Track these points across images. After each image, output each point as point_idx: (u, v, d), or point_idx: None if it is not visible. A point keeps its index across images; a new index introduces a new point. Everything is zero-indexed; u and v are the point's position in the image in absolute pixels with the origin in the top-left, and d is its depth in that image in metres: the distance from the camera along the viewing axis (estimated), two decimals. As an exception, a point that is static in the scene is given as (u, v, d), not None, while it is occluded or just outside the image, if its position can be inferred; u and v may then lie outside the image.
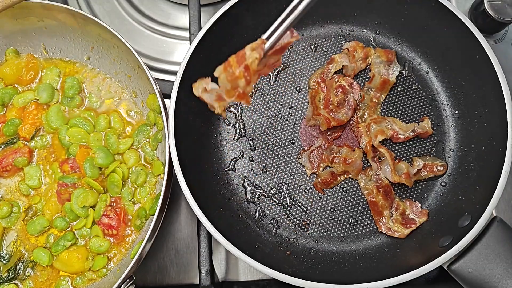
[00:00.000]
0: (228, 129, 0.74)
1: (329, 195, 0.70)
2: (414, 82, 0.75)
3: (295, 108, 0.75)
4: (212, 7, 0.87)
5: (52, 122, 0.71)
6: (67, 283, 0.66)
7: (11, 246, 0.68)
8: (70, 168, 0.69)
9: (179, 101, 0.65)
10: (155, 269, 0.73)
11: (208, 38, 0.68)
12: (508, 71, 0.71)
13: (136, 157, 0.70)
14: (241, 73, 0.49)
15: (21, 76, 0.75)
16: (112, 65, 0.75)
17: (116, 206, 0.68)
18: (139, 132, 0.71)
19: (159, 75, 0.83)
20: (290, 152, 0.72)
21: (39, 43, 0.76)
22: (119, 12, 0.89)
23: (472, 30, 0.65)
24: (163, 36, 0.87)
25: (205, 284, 0.64)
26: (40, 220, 0.68)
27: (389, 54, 0.74)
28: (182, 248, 0.74)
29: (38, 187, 0.70)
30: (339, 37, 0.78)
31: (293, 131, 0.73)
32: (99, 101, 0.75)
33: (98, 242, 0.66)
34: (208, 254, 0.65)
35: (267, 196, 0.70)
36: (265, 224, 0.69)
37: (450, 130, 0.72)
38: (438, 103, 0.73)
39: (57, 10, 0.69)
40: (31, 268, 0.67)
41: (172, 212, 0.76)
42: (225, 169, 0.72)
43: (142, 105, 0.73)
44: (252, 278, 0.73)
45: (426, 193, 0.69)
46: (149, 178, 0.69)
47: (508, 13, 0.76)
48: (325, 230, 0.68)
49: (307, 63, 0.77)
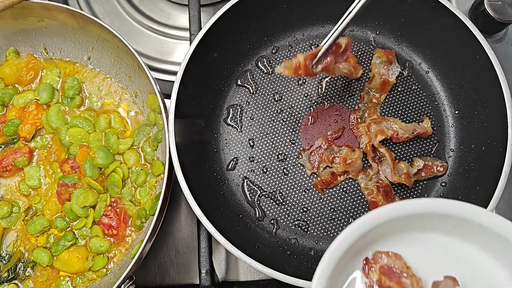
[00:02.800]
0: (228, 129, 0.74)
1: (329, 195, 0.70)
2: (414, 82, 0.75)
3: (295, 108, 0.75)
4: (212, 7, 0.87)
5: (52, 122, 0.71)
6: (67, 283, 0.66)
7: (11, 246, 0.68)
8: (70, 168, 0.69)
9: (179, 101, 0.65)
10: (155, 269, 0.73)
11: (208, 38, 0.68)
12: (508, 71, 0.70)
13: (136, 157, 0.70)
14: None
15: (21, 76, 0.75)
16: (112, 65, 0.75)
17: (116, 206, 0.68)
18: (139, 132, 0.71)
19: (159, 75, 0.83)
20: (290, 152, 0.72)
21: (39, 43, 0.76)
22: (119, 12, 0.89)
23: (472, 30, 0.65)
24: (163, 36, 0.87)
25: (205, 284, 0.64)
26: (40, 220, 0.68)
27: (389, 54, 0.74)
28: (182, 248, 0.74)
29: (38, 187, 0.70)
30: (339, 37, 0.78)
31: (293, 131, 0.73)
32: (99, 101, 0.75)
33: (98, 242, 0.66)
34: (208, 254, 0.65)
35: (267, 196, 0.70)
36: (265, 224, 0.69)
37: (450, 130, 0.72)
38: (438, 103, 0.73)
39: (57, 10, 0.69)
40: (31, 268, 0.67)
41: (172, 212, 0.76)
42: (225, 169, 0.72)
43: (142, 105, 0.73)
44: (252, 278, 0.73)
45: (426, 193, 0.69)
46: (149, 178, 0.69)
47: (508, 13, 0.76)
48: (325, 230, 0.68)
49: (307, 63, 0.77)
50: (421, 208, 0.45)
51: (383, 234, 0.47)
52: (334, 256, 0.44)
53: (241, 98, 0.76)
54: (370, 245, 0.48)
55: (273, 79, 0.76)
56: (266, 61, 0.77)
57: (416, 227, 0.47)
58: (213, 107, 0.75)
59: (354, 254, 0.47)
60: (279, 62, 0.77)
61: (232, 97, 0.76)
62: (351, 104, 0.74)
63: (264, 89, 0.76)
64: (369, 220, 0.45)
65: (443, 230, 0.47)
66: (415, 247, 0.47)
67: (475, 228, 0.45)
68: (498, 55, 0.65)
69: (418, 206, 0.45)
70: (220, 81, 0.75)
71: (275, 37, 0.78)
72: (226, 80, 0.76)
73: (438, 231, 0.47)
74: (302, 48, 0.78)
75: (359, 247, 0.47)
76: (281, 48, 0.78)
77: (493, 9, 0.76)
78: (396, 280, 0.45)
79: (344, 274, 0.47)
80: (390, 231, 0.47)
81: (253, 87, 0.76)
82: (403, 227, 0.47)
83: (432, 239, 0.47)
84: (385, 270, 0.46)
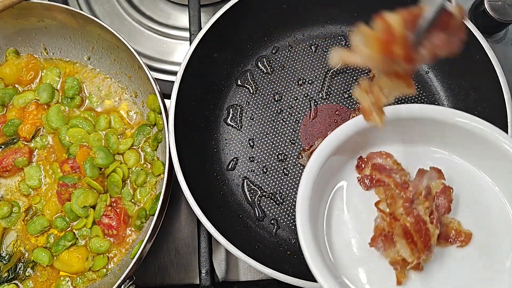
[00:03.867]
0: (228, 129, 0.74)
1: (329, 195, 0.70)
2: (414, 82, 0.75)
3: (295, 108, 0.75)
4: (212, 7, 0.87)
5: (52, 122, 0.71)
6: (67, 283, 0.66)
7: (11, 246, 0.68)
8: (70, 168, 0.69)
9: (179, 101, 0.65)
10: (155, 269, 0.73)
11: (208, 38, 0.68)
12: (508, 71, 0.70)
13: (136, 157, 0.70)
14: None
15: (21, 76, 0.75)
16: (112, 65, 0.75)
17: (116, 206, 0.68)
18: (139, 132, 0.71)
19: (159, 75, 0.83)
20: (290, 152, 0.72)
21: (39, 43, 0.76)
22: (119, 12, 0.89)
23: (472, 30, 0.65)
24: (163, 36, 0.87)
25: (205, 284, 0.64)
26: (40, 220, 0.68)
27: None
28: (182, 248, 0.74)
29: (38, 187, 0.70)
30: (339, 37, 0.78)
31: (293, 131, 0.73)
32: (99, 101, 0.75)
33: (98, 242, 0.66)
34: (208, 254, 0.65)
35: (267, 196, 0.70)
36: (265, 224, 0.69)
37: (450, 130, 0.72)
38: (438, 103, 0.73)
39: (57, 10, 0.69)
40: (31, 268, 0.67)
41: (172, 212, 0.76)
42: (225, 169, 0.72)
43: (142, 105, 0.73)
44: (252, 278, 0.73)
45: (426, 193, 0.69)
46: (149, 178, 0.69)
47: (508, 13, 0.76)
48: (325, 230, 0.68)
49: (307, 63, 0.77)
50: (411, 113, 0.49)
51: (368, 142, 0.51)
52: (319, 160, 0.47)
53: (241, 98, 0.76)
54: (357, 153, 0.52)
55: (273, 79, 0.76)
56: (266, 61, 0.77)
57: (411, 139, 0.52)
58: (213, 107, 0.75)
59: (339, 168, 0.51)
60: (279, 62, 0.77)
61: (232, 97, 0.76)
62: (351, 104, 0.74)
63: (264, 89, 0.76)
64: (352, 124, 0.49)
65: (441, 143, 0.51)
66: (407, 151, 0.51)
67: (470, 140, 0.48)
68: (498, 55, 0.65)
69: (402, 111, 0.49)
70: (220, 81, 0.75)
71: (275, 37, 0.78)
72: (226, 80, 0.76)
73: (433, 144, 0.51)
74: (302, 48, 0.78)
75: (344, 158, 0.50)
76: (281, 48, 0.78)
77: (493, 9, 0.76)
78: (386, 173, 0.48)
79: (330, 184, 0.50)
80: (383, 139, 0.51)
81: (253, 87, 0.76)
82: (398, 136, 0.51)
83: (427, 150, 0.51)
84: (377, 166, 0.49)
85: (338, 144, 0.48)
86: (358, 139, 0.50)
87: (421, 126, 0.50)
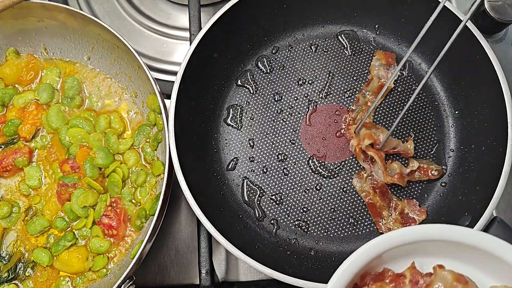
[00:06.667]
0: (228, 129, 0.74)
1: (329, 195, 0.70)
2: (414, 82, 0.75)
3: (295, 108, 0.75)
4: (212, 7, 0.87)
5: (52, 122, 0.71)
6: (67, 283, 0.66)
7: (11, 246, 0.68)
8: (70, 168, 0.69)
9: (179, 101, 0.65)
10: (155, 269, 0.73)
11: (208, 38, 0.68)
12: (508, 71, 0.70)
13: (136, 157, 0.70)
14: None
15: (21, 76, 0.75)
16: (112, 65, 0.75)
17: (116, 206, 0.68)
18: (139, 132, 0.71)
19: (159, 75, 0.83)
20: (290, 152, 0.72)
21: (39, 43, 0.76)
22: (119, 12, 0.89)
23: (472, 30, 0.65)
24: (163, 36, 0.87)
25: (205, 284, 0.64)
26: (40, 220, 0.68)
27: (389, 57, 0.74)
28: (182, 248, 0.74)
29: (38, 187, 0.70)
30: (339, 37, 0.78)
31: (293, 131, 0.73)
32: (99, 101, 0.75)
33: (98, 242, 0.66)
34: (208, 254, 0.65)
35: (267, 196, 0.70)
36: (265, 224, 0.69)
37: (450, 130, 0.72)
38: (438, 103, 0.73)
39: (57, 10, 0.69)
40: (31, 268, 0.67)
41: (172, 212, 0.76)
42: (225, 169, 0.72)
43: (142, 105, 0.73)
44: (252, 278, 0.73)
45: (426, 193, 0.69)
46: (149, 178, 0.69)
47: (508, 13, 0.76)
48: (325, 230, 0.68)
49: (307, 63, 0.77)
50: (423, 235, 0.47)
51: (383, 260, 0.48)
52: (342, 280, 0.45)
53: (241, 98, 0.76)
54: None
55: (273, 79, 0.76)
56: (266, 61, 0.77)
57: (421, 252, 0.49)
58: (213, 107, 0.75)
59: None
60: (279, 62, 0.77)
61: (232, 97, 0.76)
62: (351, 104, 0.74)
63: (264, 89, 0.76)
64: (373, 247, 0.46)
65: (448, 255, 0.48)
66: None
67: (472, 250, 0.46)
68: (498, 55, 0.65)
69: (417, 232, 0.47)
70: (220, 81, 0.75)
71: (275, 37, 0.78)
72: (226, 80, 0.76)
73: (442, 256, 0.49)
74: (302, 48, 0.78)
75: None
76: (281, 48, 0.78)
77: (493, 9, 0.76)
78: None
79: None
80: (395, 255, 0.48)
81: (253, 87, 0.76)
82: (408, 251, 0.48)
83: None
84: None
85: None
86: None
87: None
